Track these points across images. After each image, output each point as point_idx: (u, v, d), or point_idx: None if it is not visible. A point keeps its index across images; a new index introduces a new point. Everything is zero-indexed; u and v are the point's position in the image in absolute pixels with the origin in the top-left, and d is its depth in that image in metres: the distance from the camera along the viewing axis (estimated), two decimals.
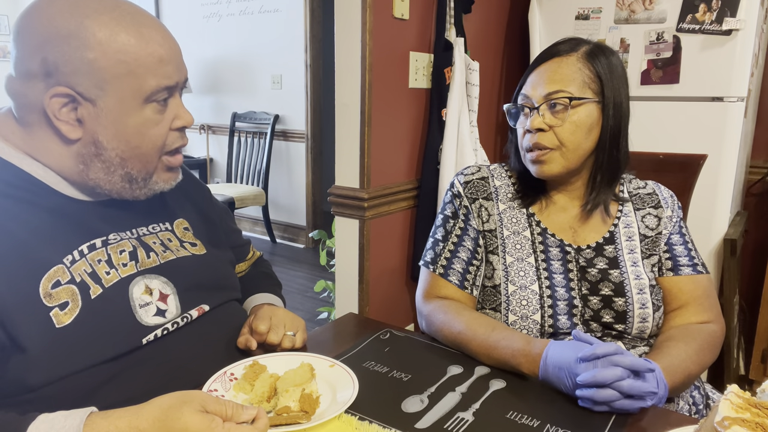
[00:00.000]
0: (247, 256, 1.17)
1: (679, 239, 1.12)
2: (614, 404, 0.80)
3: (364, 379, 0.86)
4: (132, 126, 0.80)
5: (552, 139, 1.04)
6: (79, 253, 0.80)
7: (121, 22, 0.77)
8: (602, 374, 0.80)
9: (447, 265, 1.13)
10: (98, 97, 0.77)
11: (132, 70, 0.77)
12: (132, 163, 0.82)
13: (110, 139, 0.79)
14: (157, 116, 0.82)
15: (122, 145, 0.80)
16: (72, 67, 0.75)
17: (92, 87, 0.76)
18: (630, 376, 0.81)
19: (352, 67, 1.75)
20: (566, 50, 1.05)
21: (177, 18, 4.93)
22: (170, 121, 0.84)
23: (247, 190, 4.20)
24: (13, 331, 0.71)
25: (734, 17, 1.80)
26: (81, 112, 0.78)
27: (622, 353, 0.82)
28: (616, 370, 0.80)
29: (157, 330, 0.84)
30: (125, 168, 0.82)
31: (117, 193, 0.84)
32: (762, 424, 0.59)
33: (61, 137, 0.79)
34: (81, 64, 0.75)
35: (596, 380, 0.80)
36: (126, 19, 0.78)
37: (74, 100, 0.77)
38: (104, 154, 0.80)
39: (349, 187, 1.83)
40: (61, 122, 0.78)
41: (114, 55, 0.76)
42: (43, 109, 0.77)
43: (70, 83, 0.76)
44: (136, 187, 0.85)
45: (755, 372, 2.13)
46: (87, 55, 0.75)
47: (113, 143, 0.80)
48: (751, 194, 2.44)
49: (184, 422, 0.65)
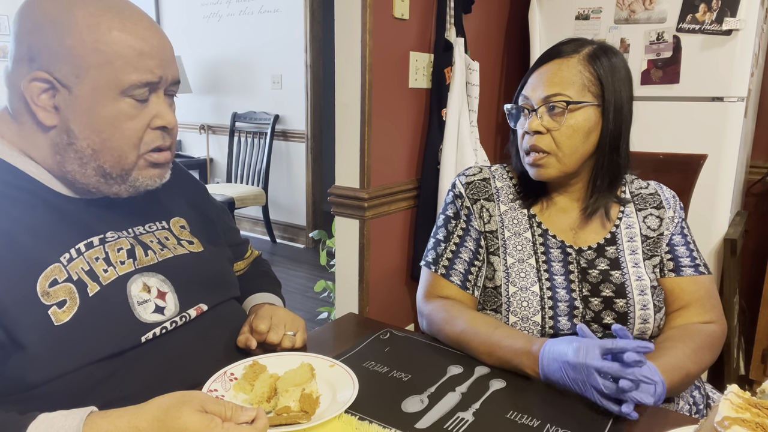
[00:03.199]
0: (246, 255, 1.17)
1: (681, 240, 1.12)
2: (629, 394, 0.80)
3: (364, 379, 0.86)
4: (104, 117, 0.79)
5: (549, 142, 1.04)
6: (76, 251, 0.80)
7: (106, 12, 0.78)
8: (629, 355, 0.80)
9: (449, 265, 1.13)
10: (74, 84, 0.77)
11: (110, 60, 0.77)
12: (103, 156, 0.81)
13: (82, 129, 0.79)
14: (132, 111, 0.80)
15: (93, 136, 0.80)
16: (52, 53, 0.76)
17: (69, 74, 0.77)
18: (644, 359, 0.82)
19: (352, 67, 1.75)
20: (569, 51, 1.05)
21: (177, 18, 4.93)
22: (149, 119, 0.82)
23: (247, 190, 4.20)
24: (12, 330, 0.72)
25: (734, 17, 1.80)
26: (58, 99, 0.78)
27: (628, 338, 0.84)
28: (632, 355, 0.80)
29: (156, 328, 0.84)
30: (97, 161, 0.81)
31: (95, 188, 0.83)
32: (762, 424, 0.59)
33: (38, 124, 0.79)
34: (60, 49, 0.76)
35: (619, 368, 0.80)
36: (112, 11, 0.78)
37: (53, 86, 0.77)
38: (76, 144, 0.80)
39: (349, 187, 1.83)
40: (38, 108, 0.78)
41: (92, 44, 0.76)
42: (23, 95, 0.78)
43: (49, 69, 0.76)
44: (113, 183, 0.83)
45: (755, 372, 2.13)
46: (66, 41, 0.76)
47: (85, 132, 0.79)
48: (751, 194, 2.44)
49: (184, 422, 0.65)
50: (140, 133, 0.82)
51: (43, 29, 0.76)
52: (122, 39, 0.78)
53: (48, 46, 0.76)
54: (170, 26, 4.98)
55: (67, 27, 0.76)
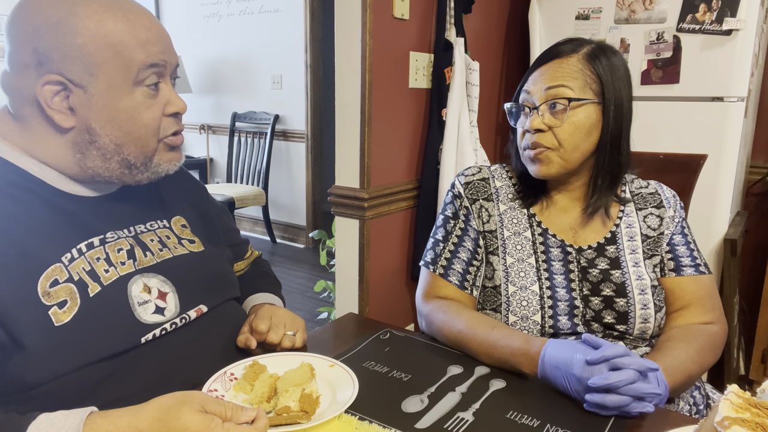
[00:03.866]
0: (246, 255, 1.17)
1: (681, 239, 1.12)
2: (623, 408, 0.79)
3: (364, 379, 0.86)
4: (123, 111, 0.80)
5: (551, 140, 1.04)
6: (77, 252, 0.80)
7: (108, 9, 0.78)
8: (615, 377, 0.78)
9: (447, 265, 1.13)
10: (89, 83, 0.78)
11: (119, 51, 0.78)
12: (128, 148, 0.82)
13: (103, 125, 0.80)
14: (148, 101, 0.82)
15: (115, 131, 0.81)
16: (61, 54, 0.76)
17: (82, 73, 0.77)
18: (640, 378, 0.80)
19: (352, 67, 1.75)
20: (568, 51, 1.05)
21: (177, 18, 4.93)
22: (162, 107, 0.84)
23: (247, 190, 4.20)
24: (13, 330, 0.72)
25: (734, 17, 1.80)
26: (73, 99, 0.78)
27: (630, 355, 0.81)
28: (629, 373, 0.78)
29: (156, 329, 0.84)
30: (121, 154, 0.82)
31: (118, 179, 0.85)
32: (762, 424, 0.59)
33: (55, 127, 0.80)
34: (70, 50, 0.76)
35: (609, 383, 0.78)
36: (113, 6, 0.79)
37: (66, 87, 0.77)
38: (98, 141, 0.81)
39: (349, 187, 1.83)
40: (53, 111, 0.78)
41: (101, 39, 0.77)
42: (36, 100, 0.78)
43: (61, 70, 0.77)
44: (137, 172, 0.85)
45: (755, 372, 2.13)
46: (76, 41, 0.76)
47: (106, 129, 0.80)
48: (751, 194, 2.44)
49: (184, 422, 0.65)
50: (158, 121, 0.84)
51: (46, 32, 0.76)
52: (128, 30, 0.79)
53: (56, 48, 0.76)
54: (170, 26, 4.97)
55: (72, 26, 0.76)
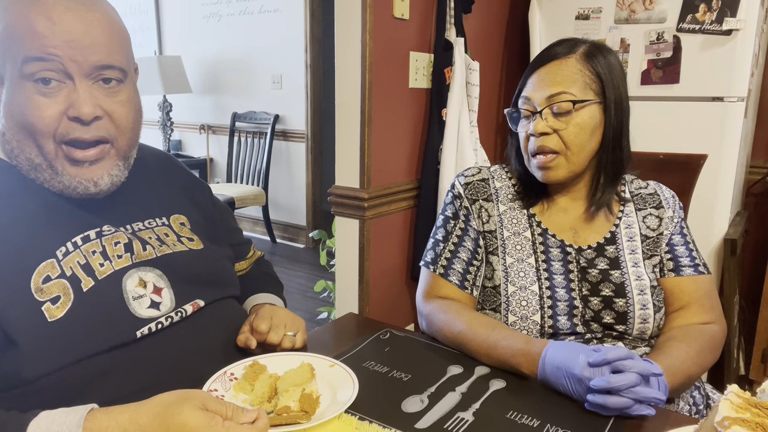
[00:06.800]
0: (248, 255, 1.17)
1: (680, 240, 1.12)
2: (624, 410, 0.79)
3: (364, 379, 0.86)
4: (16, 105, 0.78)
5: (557, 142, 1.04)
6: (73, 245, 0.80)
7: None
8: (617, 380, 0.78)
9: (447, 265, 1.13)
10: (3, 74, 0.78)
11: (12, 42, 0.76)
12: (27, 146, 0.79)
13: (7, 119, 0.79)
14: (39, 98, 0.76)
15: (11, 123, 0.79)
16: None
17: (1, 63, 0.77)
18: (642, 382, 0.80)
19: (352, 67, 1.75)
20: (564, 52, 1.05)
21: (177, 18, 4.93)
22: (64, 107, 0.77)
23: (247, 190, 4.20)
24: (6, 327, 0.72)
25: (734, 17, 1.80)
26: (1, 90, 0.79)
27: (633, 358, 0.81)
28: (630, 376, 0.78)
29: (151, 323, 0.83)
30: (24, 153, 0.80)
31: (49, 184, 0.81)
32: (762, 424, 0.59)
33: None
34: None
35: (611, 386, 0.78)
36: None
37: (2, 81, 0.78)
38: (7, 134, 0.80)
39: (349, 187, 1.83)
40: None
41: (4, 30, 0.76)
42: None
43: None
44: (49, 176, 0.80)
45: (755, 372, 2.13)
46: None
47: (8, 123, 0.79)
48: (751, 194, 2.44)
49: (184, 418, 0.65)
50: (55, 121, 0.77)
51: None
52: (21, 21, 0.75)
53: None
54: (170, 26, 4.98)
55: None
